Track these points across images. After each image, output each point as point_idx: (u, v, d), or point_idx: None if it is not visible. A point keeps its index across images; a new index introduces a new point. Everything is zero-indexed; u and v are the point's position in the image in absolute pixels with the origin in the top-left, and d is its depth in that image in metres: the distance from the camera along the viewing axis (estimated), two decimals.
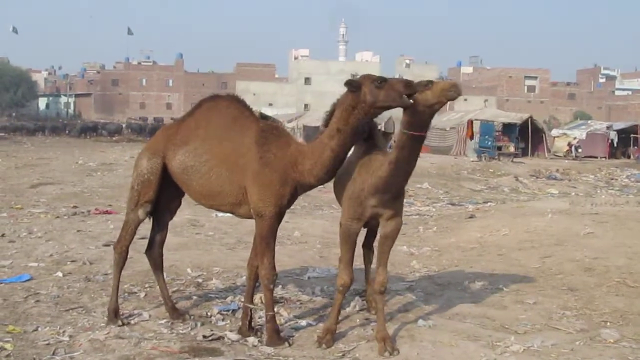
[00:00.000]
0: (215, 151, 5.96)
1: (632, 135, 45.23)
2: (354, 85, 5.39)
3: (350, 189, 5.70)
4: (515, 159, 36.05)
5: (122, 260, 6.49)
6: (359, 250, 6.41)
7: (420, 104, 5.19)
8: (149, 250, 6.77)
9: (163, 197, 6.42)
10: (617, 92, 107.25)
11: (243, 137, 5.88)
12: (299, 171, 5.74)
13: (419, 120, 5.30)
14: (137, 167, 6.37)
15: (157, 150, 6.31)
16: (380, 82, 5.28)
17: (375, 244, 6.38)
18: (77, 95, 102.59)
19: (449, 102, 5.55)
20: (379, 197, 5.57)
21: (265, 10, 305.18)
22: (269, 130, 5.91)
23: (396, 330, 6.19)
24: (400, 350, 5.65)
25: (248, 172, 5.76)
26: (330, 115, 5.69)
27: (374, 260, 6.15)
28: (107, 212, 13.60)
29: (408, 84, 5.26)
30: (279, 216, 5.88)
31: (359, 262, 6.63)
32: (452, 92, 5.13)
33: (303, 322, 6.55)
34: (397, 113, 5.44)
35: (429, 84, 5.18)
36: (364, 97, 5.35)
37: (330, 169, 5.68)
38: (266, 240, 5.82)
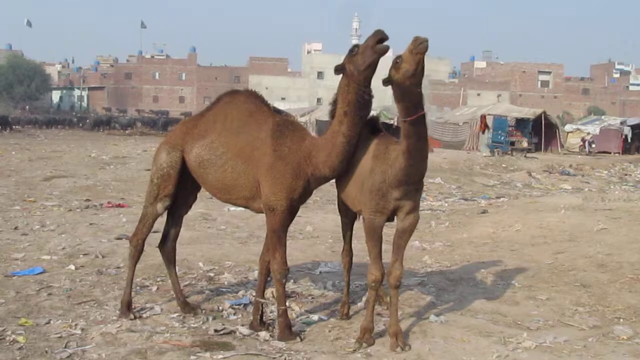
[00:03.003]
0: (231, 144, 5.99)
1: None
2: (338, 68, 5.58)
3: (370, 182, 5.61)
4: (528, 154, 35.86)
5: (137, 253, 6.51)
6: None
7: (404, 80, 5.10)
8: (162, 245, 6.78)
9: (181, 191, 6.44)
10: (631, 87, 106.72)
11: (259, 130, 5.91)
12: (314, 164, 5.76)
13: (410, 100, 5.21)
14: (156, 160, 6.39)
15: (176, 144, 6.33)
16: (354, 49, 5.48)
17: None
18: (90, 89, 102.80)
19: (462, 97, 5.53)
20: (403, 189, 5.51)
21: (278, 4, 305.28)
22: (285, 124, 5.96)
23: (408, 326, 6.17)
24: (412, 346, 5.64)
25: (261, 165, 5.78)
26: (334, 106, 5.76)
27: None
28: (119, 206, 13.63)
29: (375, 34, 5.33)
30: (291, 210, 5.88)
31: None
32: (419, 44, 4.97)
33: (315, 317, 6.55)
34: None
35: (397, 59, 5.11)
36: (349, 70, 5.48)
37: (345, 156, 5.71)
38: (278, 235, 5.83)
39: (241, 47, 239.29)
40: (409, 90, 5.17)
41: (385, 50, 5.31)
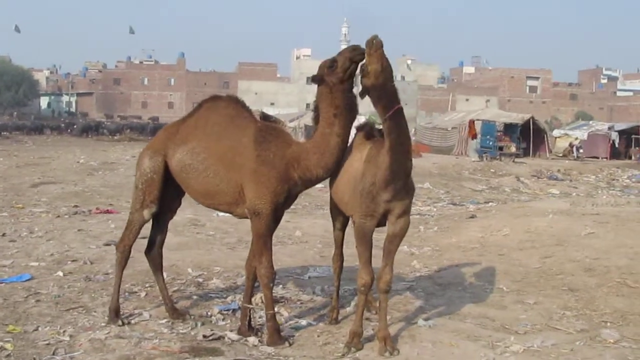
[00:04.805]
0: (213, 150, 6.03)
1: (633, 136, 45.18)
2: (317, 79, 5.75)
3: (361, 186, 5.65)
4: (516, 159, 36.04)
5: (124, 259, 6.51)
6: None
7: (376, 80, 5.25)
8: (148, 251, 6.78)
9: (165, 196, 6.45)
10: (618, 93, 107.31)
11: (241, 136, 5.95)
12: (304, 167, 5.84)
13: (386, 97, 5.32)
14: (140, 166, 6.42)
15: (158, 149, 6.37)
16: (332, 66, 5.64)
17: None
18: (78, 95, 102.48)
19: (451, 102, 5.59)
20: (391, 190, 5.54)
21: (267, 9, 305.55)
22: (268, 130, 6.02)
23: (397, 330, 6.19)
24: (401, 350, 5.66)
25: (245, 170, 5.83)
26: (316, 111, 5.90)
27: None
28: (108, 212, 13.60)
29: (352, 49, 5.60)
30: (275, 214, 5.92)
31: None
32: (373, 42, 5.14)
33: (303, 322, 6.56)
34: None
35: (362, 67, 5.32)
36: (332, 82, 5.65)
37: (339, 156, 5.83)
38: (263, 239, 5.86)
39: (230, 52, 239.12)
40: (383, 87, 5.29)
41: (361, 56, 5.43)
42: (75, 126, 62.14)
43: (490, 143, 38.01)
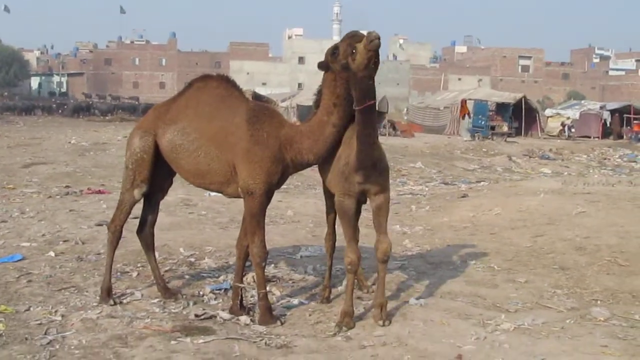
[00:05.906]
0: (204, 130, 6.01)
1: (625, 115, 45.21)
2: (323, 65, 5.70)
3: (337, 165, 5.78)
4: (508, 139, 36.12)
5: (115, 239, 6.51)
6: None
7: (357, 71, 5.28)
8: (140, 231, 6.78)
9: (156, 176, 6.43)
10: (610, 72, 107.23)
11: (233, 116, 5.94)
12: (296, 150, 5.86)
13: (361, 90, 5.37)
14: (130, 146, 6.39)
15: (148, 129, 6.34)
16: (334, 53, 5.56)
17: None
18: (69, 75, 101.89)
19: (443, 81, 5.58)
20: (362, 174, 5.62)
21: None
22: (260, 110, 6.02)
23: (388, 309, 6.17)
24: (392, 329, 5.68)
25: (237, 149, 5.81)
26: (319, 96, 5.90)
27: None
28: (99, 192, 13.56)
29: (352, 35, 5.44)
30: (269, 194, 5.93)
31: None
32: (371, 42, 5.12)
33: (295, 301, 6.57)
34: (391, 92, 5.46)
35: (353, 48, 5.26)
36: (335, 69, 5.61)
37: (331, 145, 5.84)
38: (257, 218, 5.86)
39: (222, 32, 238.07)
40: (361, 81, 5.34)
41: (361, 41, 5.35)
42: (66, 106, 61.74)
43: (483, 122, 38.08)
